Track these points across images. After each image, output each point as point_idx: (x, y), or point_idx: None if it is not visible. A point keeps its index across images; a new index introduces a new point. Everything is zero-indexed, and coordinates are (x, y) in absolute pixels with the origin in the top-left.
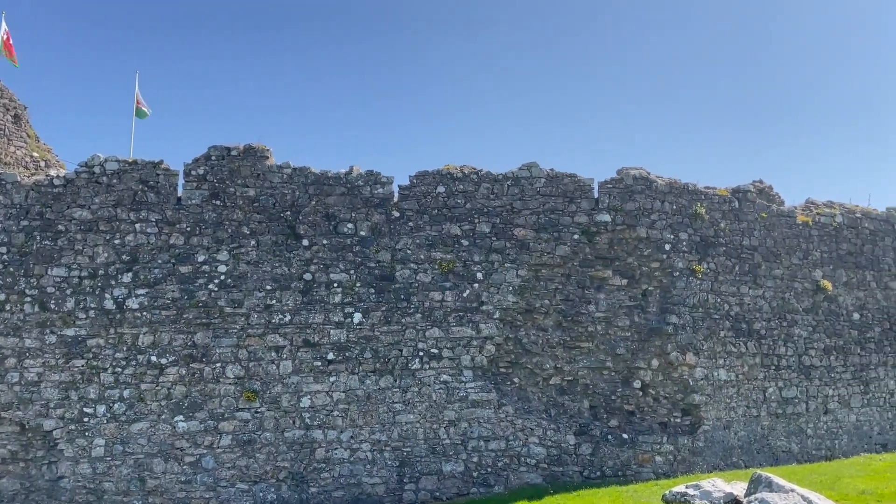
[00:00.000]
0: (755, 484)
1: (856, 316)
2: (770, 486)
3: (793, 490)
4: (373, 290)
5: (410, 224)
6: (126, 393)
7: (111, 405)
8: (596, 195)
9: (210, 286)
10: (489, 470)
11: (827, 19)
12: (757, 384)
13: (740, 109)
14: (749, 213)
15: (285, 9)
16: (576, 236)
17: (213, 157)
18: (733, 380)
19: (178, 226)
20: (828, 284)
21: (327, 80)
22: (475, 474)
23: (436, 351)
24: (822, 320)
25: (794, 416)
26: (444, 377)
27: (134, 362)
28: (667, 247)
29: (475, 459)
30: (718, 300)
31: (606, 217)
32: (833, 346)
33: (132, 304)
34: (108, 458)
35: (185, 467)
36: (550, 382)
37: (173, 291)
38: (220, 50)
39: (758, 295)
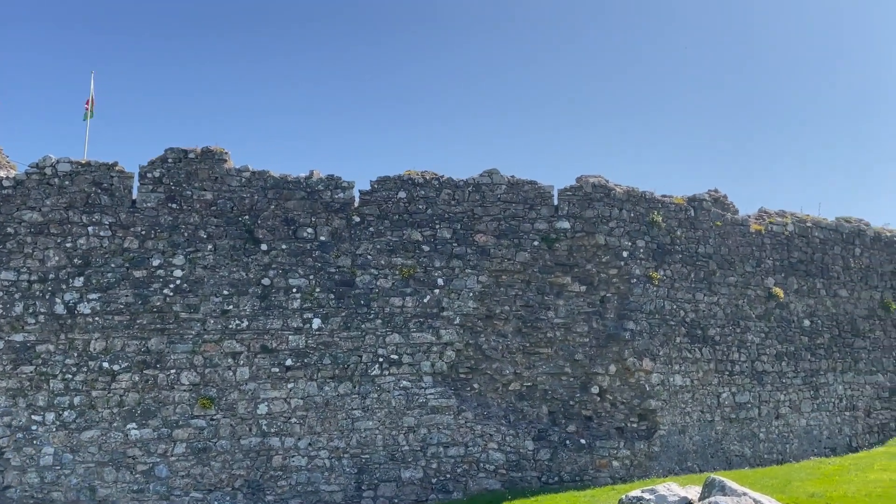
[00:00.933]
0: (709, 488)
1: (806, 323)
2: (723, 489)
3: (745, 494)
4: (332, 296)
5: (371, 229)
6: (76, 400)
7: (61, 413)
8: (556, 202)
9: (165, 291)
10: (448, 476)
11: (779, 28)
12: (711, 389)
13: (696, 118)
14: (704, 221)
15: (247, 12)
16: (536, 243)
17: (170, 160)
18: (688, 385)
19: (132, 229)
20: (779, 292)
21: (288, 85)
22: (434, 481)
23: (396, 357)
24: (774, 327)
25: (747, 420)
26: (404, 383)
27: (85, 369)
28: (624, 254)
29: (434, 466)
30: (674, 307)
31: (566, 224)
32: (784, 352)
33: (84, 308)
34: (57, 467)
35: (137, 476)
36: (510, 388)
37: (127, 296)
38: (178, 51)
39: (712, 302)
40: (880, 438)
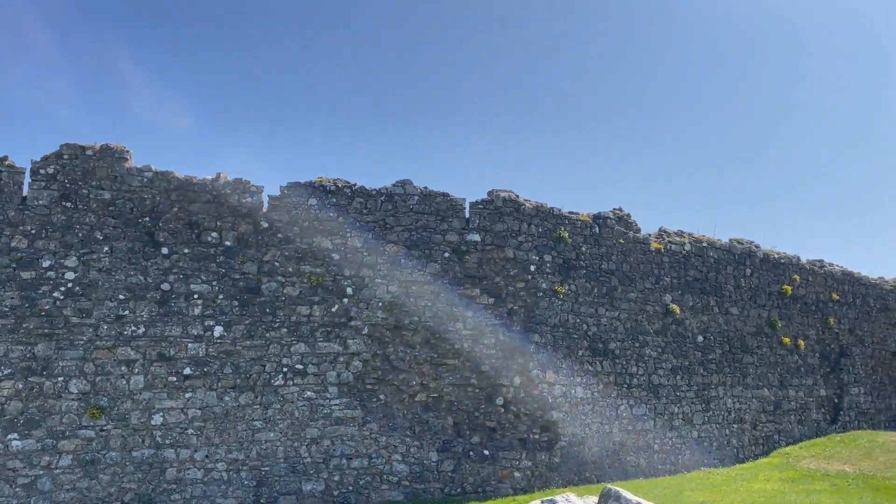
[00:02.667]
0: (605, 498)
1: (700, 338)
2: (619, 499)
3: (639, 503)
4: (236, 303)
5: (280, 236)
6: None
7: None
8: (467, 215)
9: (55, 294)
10: (350, 488)
11: (684, 48)
12: (610, 402)
13: (603, 138)
14: (608, 238)
15: (154, 6)
16: (446, 254)
17: (66, 156)
18: (589, 397)
19: (21, 227)
20: (676, 308)
21: (195, 87)
22: (336, 493)
23: (301, 367)
24: (670, 342)
25: (643, 432)
26: (309, 394)
27: None
28: (532, 268)
29: (336, 478)
30: (578, 320)
31: (476, 237)
32: (679, 367)
33: None
34: None
35: (17, 489)
36: (416, 399)
37: (12, 298)
38: (80, 42)
39: (614, 316)
40: (765, 450)
